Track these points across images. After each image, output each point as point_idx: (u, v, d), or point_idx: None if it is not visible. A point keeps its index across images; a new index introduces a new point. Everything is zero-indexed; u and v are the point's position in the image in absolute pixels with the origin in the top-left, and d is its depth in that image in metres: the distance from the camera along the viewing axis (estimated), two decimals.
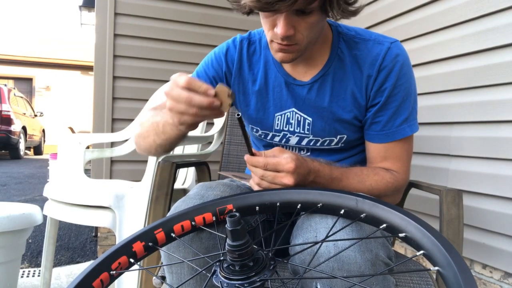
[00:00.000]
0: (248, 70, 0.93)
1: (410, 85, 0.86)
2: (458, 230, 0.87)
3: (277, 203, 0.65)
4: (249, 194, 0.67)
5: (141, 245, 0.59)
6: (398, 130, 0.85)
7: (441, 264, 0.41)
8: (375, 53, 0.83)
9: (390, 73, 0.82)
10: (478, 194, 1.41)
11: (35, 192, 4.53)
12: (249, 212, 0.67)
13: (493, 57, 1.35)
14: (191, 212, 0.65)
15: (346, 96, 0.86)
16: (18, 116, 8.43)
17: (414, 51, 1.66)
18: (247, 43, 0.94)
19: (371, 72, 0.83)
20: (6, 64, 12.59)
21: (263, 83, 0.91)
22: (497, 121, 1.33)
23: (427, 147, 1.62)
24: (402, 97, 0.84)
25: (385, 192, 0.83)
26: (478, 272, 1.46)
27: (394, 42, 0.84)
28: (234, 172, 1.23)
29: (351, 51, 0.85)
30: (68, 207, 1.44)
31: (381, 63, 0.82)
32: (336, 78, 0.86)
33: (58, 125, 11.74)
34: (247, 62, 0.93)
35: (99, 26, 2.25)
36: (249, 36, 0.95)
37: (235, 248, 0.48)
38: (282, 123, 0.92)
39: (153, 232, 0.61)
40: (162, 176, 1.00)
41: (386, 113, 0.85)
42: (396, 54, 0.83)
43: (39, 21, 18.71)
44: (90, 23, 7.56)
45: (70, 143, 1.77)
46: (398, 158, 0.87)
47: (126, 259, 0.57)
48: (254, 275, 0.48)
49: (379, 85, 0.83)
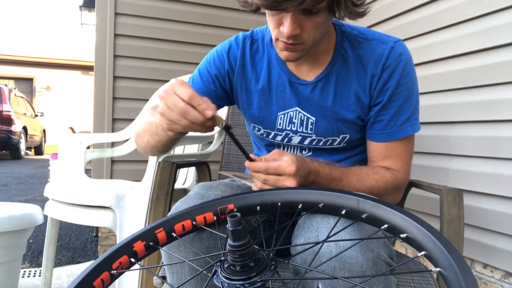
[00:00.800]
0: (251, 68, 0.92)
1: (413, 84, 0.86)
2: (459, 229, 0.87)
3: (278, 203, 0.65)
4: (250, 194, 0.67)
5: (142, 244, 0.59)
6: (400, 130, 0.85)
7: (442, 265, 0.41)
8: (379, 52, 0.83)
9: (394, 72, 0.83)
10: (479, 193, 1.40)
11: (36, 192, 4.53)
12: (250, 212, 0.67)
13: (494, 56, 1.34)
14: (192, 212, 0.65)
15: (349, 96, 0.86)
16: (18, 116, 8.44)
17: (415, 51, 1.65)
18: (249, 41, 0.93)
19: (375, 71, 0.83)
20: (7, 64, 12.60)
21: (266, 82, 0.91)
22: (498, 120, 1.33)
23: (427, 147, 1.62)
24: (405, 96, 0.84)
25: (384, 191, 0.83)
26: (479, 272, 1.46)
27: (397, 42, 0.85)
28: (235, 172, 1.23)
29: (355, 50, 0.85)
30: (68, 207, 1.44)
31: (384, 62, 0.83)
32: (339, 78, 0.86)
33: (59, 125, 11.74)
34: (250, 60, 0.92)
35: (99, 26, 2.25)
36: (252, 34, 0.94)
37: (236, 248, 0.48)
38: (284, 122, 0.92)
39: (154, 231, 0.61)
40: (162, 176, 1.00)
41: (389, 112, 0.85)
42: (400, 53, 0.83)
43: (39, 21, 18.73)
44: (91, 23, 7.56)
45: (71, 143, 1.77)
46: (399, 157, 0.87)
47: (127, 259, 0.57)
48: (255, 276, 0.48)
49: (382, 84, 0.83)
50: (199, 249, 0.70)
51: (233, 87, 0.95)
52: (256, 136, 1.02)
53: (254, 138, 1.07)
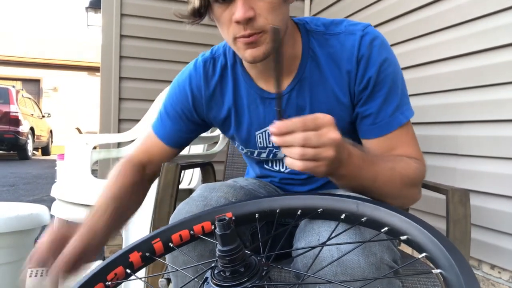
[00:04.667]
0: (219, 92, 0.87)
1: (395, 67, 0.78)
2: (466, 230, 0.86)
3: (277, 209, 0.64)
4: (247, 201, 0.66)
5: (138, 255, 0.58)
6: (391, 120, 0.77)
7: (443, 267, 0.41)
8: (349, 46, 0.76)
9: (369, 60, 0.75)
10: (486, 193, 1.39)
11: (43, 192, 4.56)
12: (249, 219, 0.65)
13: (503, 55, 1.33)
14: (189, 221, 0.64)
15: (328, 100, 0.80)
16: (26, 117, 8.51)
17: (423, 49, 1.64)
18: (211, 63, 0.88)
19: (349, 67, 0.76)
20: (14, 66, 12.72)
21: (237, 103, 0.86)
22: (506, 120, 1.32)
23: (434, 147, 1.61)
24: (389, 83, 0.76)
25: (414, 180, 0.74)
26: (486, 273, 1.45)
27: (366, 28, 0.77)
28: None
29: (324, 49, 0.79)
30: (75, 207, 1.45)
31: (357, 54, 0.75)
32: (313, 82, 0.80)
33: (66, 126, 11.82)
34: (216, 84, 0.87)
35: (105, 27, 2.26)
36: (212, 53, 0.89)
37: (225, 253, 0.46)
38: (264, 140, 0.88)
39: (151, 242, 0.60)
40: (167, 177, 1.00)
41: (375, 103, 0.77)
42: (371, 39, 0.76)
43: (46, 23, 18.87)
44: (97, 24, 7.61)
45: (77, 144, 1.78)
46: (406, 144, 0.78)
47: (122, 270, 0.56)
48: (246, 281, 0.47)
49: (361, 77, 0.76)
50: (202, 252, 0.70)
51: (205, 117, 0.92)
52: (244, 154, 1.00)
53: (243, 156, 1.05)
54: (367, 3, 1.97)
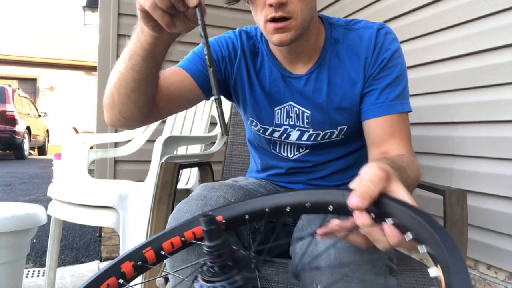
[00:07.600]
0: (250, 61, 0.93)
1: (404, 61, 0.87)
2: (462, 230, 0.87)
3: (266, 208, 0.64)
4: (237, 203, 0.66)
5: (130, 265, 0.58)
6: (391, 104, 0.83)
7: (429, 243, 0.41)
8: (367, 37, 0.85)
9: (383, 46, 0.84)
10: (483, 194, 1.40)
11: (40, 192, 4.55)
12: (240, 222, 0.65)
13: (498, 56, 1.34)
14: (179, 228, 0.63)
15: (343, 84, 0.86)
16: (22, 116, 8.48)
17: (419, 51, 1.65)
18: (246, 36, 0.94)
19: (367, 54, 0.85)
20: (11, 65, 12.66)
21: (261, 77, 0.92)
22: (503, 120, 1.33)
23: (431, 147, 1.61)
24: (398, 72, 0.84)
25: (418, 181, 0.78)
26: (482, 273, 1.45)
27: (382, 24, 0.87)
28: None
29: (345, 40, 0.87)
30: (72, 207, 1.45)
31: (375, 42, 0.84)
32: (332, 66, 0.87)
33: (62, 125, 11.78)
34: (249, 53, 0.93)
35: (102, 26, 2.25)
36: (247, 30, 0.96)
37: (213, 249, 0.47)
38: (282, 117, 0.92)
39: (142, 251, 0.60)
40: (165, 177, 1.00)
41: (381, 83, 0.84)
42: (386, 32, 0.86)
43: (43, 22, 18.80)
44: (94, 24, 7.59)
45: (74, 143, 1.78)
46: (403, 134, 0.83)
47: (115, 280, 0.56)
48: (235, 274, 0.47)
49: (375, 59, 0.84)
50: (201, 251, 0.70)
51: (229, 77, 0.94)
52: (253, 132, 1.00)
53: (251, 135, 1.05)
54: (365, 3, 1.98)
